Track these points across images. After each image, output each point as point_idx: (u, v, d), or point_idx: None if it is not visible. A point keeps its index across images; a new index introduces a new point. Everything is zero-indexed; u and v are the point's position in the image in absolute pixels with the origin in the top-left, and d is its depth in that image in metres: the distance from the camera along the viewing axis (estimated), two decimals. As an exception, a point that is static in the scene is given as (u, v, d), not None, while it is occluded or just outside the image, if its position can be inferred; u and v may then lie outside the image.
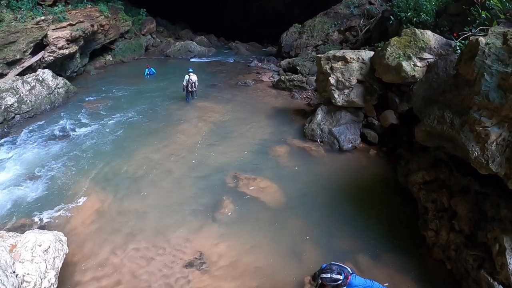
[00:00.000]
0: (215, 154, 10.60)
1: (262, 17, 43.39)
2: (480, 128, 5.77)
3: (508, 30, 5.94)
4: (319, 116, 11.77)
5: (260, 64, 23.06)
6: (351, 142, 10.88)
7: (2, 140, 11.59)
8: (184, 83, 15.01)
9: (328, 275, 4.92)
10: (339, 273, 4.89)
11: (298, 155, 10.59)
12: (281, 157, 10.45)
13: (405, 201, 8.15)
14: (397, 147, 10.22)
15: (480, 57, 5.97)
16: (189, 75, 14.97)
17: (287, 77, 17.18)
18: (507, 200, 5.55)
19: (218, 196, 8.55)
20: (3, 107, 12.60)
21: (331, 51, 12.41)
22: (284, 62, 20.73)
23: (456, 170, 6.73)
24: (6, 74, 15.00)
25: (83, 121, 13.22)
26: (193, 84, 15.04)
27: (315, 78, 13.96)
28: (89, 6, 21.64)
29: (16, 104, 13.04)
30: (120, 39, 25.46)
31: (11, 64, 15.40)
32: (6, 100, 12.78)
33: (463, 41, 8.94)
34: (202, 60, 25.42)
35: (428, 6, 13.36)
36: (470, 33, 8.77)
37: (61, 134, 12.13)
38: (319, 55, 12.35)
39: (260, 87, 17.64)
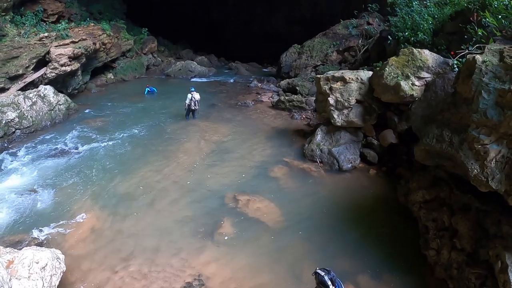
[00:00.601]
0: (214, 174, 10.55)
1: (262, 37, 44.15)
2: (479, 146, 5.79)
3: (504, 47, 6.04)
4: (319, 136, 11.79)
5: (259, 84, 23.22)
6: (351, 162, 10.86)
7: (2, 155, 11.59)
8: (187, 101, 15.12)
9: (323, 274, 4.78)
10: (332, 283, 4.75)
11: (298, 175, 10.54)
12: (281, 177, 10.41)
13: (405, 221, 8.08)
14: (396, 167, 10.22)
15: (477, 75, 6.05)
16: (192, 94, 15.11)
17: (286, 98, 17.29)
18: (508, 217, 5.53)
19: (218, 216, 8.46)
20: (4, 122, 12.65)
21: (330, 72, 12.54)
22: (283, 83, 20.90)
23: (456, 188, 6.73)
24: (8, 89, 15.14)
25: (83, 138, 13.25)
26: (196, 103, 15.19)
27: (314, 98, 14.07)
28: (92, 24, 22.02)
29: (17, 119, 13.11)
30: (121, 58, 25.79)
31: (13, 79, 15.56)
32: (7, 115, 12.84)
33: (460, 59, 9.02)
34: (202, 80, 25.66)
35: (425, 25, 13.52)
36: (467, 51, 8.88)
37: (61, 150, 12.14)
38: (318, 76, 12.47)
39: (260, 107, 17.74)
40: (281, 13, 44.72)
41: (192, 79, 26.03)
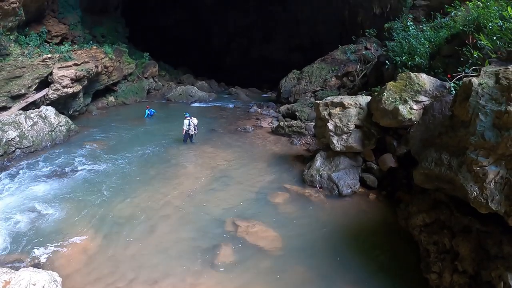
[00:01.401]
0: (214, 199, 10.48)
1: (261, 63, 44.91)
2: (478, 168, 5.82)
3: (500, 69, 6.16)
4: (318, 162, 11.79)
5: (259, 110, 23.44)
6: (351, 187, 10.82)
7: (2, 174, 11.57)
8: (185, 127, 15.26)
9: None
10: None
11: (298, 201, 10.48)
12: (281, 203, 10.34)
13: (406, 245, 8.00)
14: (396, 190, 10.21)
15: (474, 98, 6.15)
16: (189, 119, 15.27)
17: (286, 123, 17.40)
18: (509, 237, 5.51)
19: (217, 242, 8.34)
20: (4, 140, 12.69)
21: (329, 97, 12.68)
22: (283, 108, 21.12)
23: (456, 211, 6.71)
24: (9, 108, 15.31)
25: (83, 160, 13.21)
26: (196, 127, 15.34)
27: (313, 124, 14.16)
28: (95, 47, 22.43)
29: (17, 139, 13.16)
30: (123, 81, 26.14)
31: (15, 98, 15.74)
32: (8, 134, 12.90)
33: (457, 82, 9.17)
34: (202, 105, 25.97)
35: (421, 49, 13.80)
36: (463, 73, 9.04)
37: (60, 171, 12.11)
38: (318, 101, 12.58)
39: (260, 133, 17.83)
40: (280, 40, 45.76)
41: (192, 104, 26.32)
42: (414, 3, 24.68)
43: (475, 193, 5.77)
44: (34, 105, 16.44)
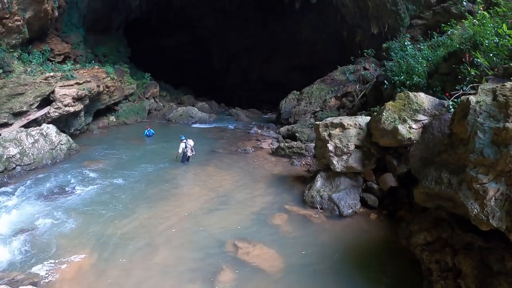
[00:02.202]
0: (214, 220, 10.41)
1: (261, 84, 45.41)
2: (478, 185, 5.84)
3: (497, 86, 6.24)
4: (319, 182, 11.76)
5: (259, 131, 23.51)
6: (351, 208, 10.77)
7: (1, 190, 11.57)
8: (180, 150, 15.38)
9: None
10: None
11: (298, 222, 10.41)
12: (281, 224, 10.27)
13: (408, 264, 7.91)
14: (397, 210, 10.17)
15: (472, 116, 6.21)
16: (185, 142, 15.40)
17: (286, 144, 17.42)
18: (512, 253, 5.49)
19: (217, 264, 8.24)
20: (5, 157, 12.74)
21: (329, 118, 12.78)
22: (283, 129, 21.20)
23: (457, 228, 6.69)
24: (11, 124, 15.42)
25: (83, 180, 13.21)
26: (193, 149, 15.47)
27: (314, 144, 14.18)
28: (97, 67, 22.76)
29: (18, 155, 13.20)
30: (124, 101, 26.38)
31: (17, 115, 15.88)
32: (9, 150, 12.97)
33: (455, 100, 9.25)
34: (203, 126, 26.07)
35: (419, 68, 13.93)
36: (461, 91, 9.13)
37: (60, 190, 12.10)
38: (317, 122, 12.64)
39: (260, 154, 17.83)
40: (280, 60, 46.38)
41: (193, 125, 26.46)
42: (411, 22, 25.27)
43: (475, 210, 5.76)
44: (36, 122, 16.56)
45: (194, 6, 41.82)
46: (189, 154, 15.43)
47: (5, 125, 15.35)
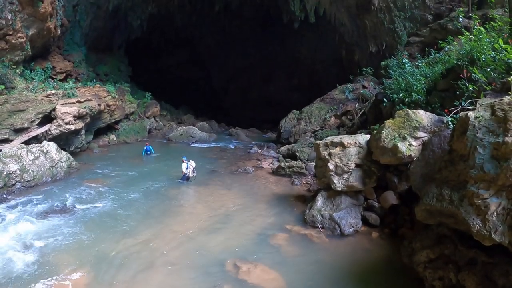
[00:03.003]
0: (215, 240, 10.31)
1: (261, 103, 45.78)
2: (479, 201, 5.83)
3: (495, 101, 6.32)
4: (319, 202, 11.68)
5: (260, 150, 23.51)
6: (353, 226, 10.68)
7: (0, 206, 11.51)
8: (184, 170, 15.41)
9: None
10: None
11: (300, 242, 10.30)
12: (282, 244, 10.15)
13: (411, 282, 7.81)
14: (399, 227, 10.10)
15: (471, 132, 6.26)
16: (187, 162, 15.47)
17: (286, 164, 17.40)
18: (516, 267, 5.44)
19: (218, 285, 8.11)
20: (5, 173, 12.73)
21: (329, 137, 12.78)
22: (283, 149, 21.21)
23: (460, 244, 6.62)
24: (12, 140, 15.47)
25: (82, 198, 13.15)
26: (194, 170, 15.52)
27: (314, 164, 14.16)
28: (98, 85, 23.02)
29: (18, 172, 13.19)
30: (124, 120, 26.51)
31: (18, 131, 15.95)
32: (9, 166, 12.98)
33: (454, 116, 9.28)
34: (203, 146, 26.07)
35: (418, 85, 14.03)
36: (460, 107, 9.23)
37: (59, 208, 12.00)
38: (317, 142, 12.67)
39: (260, 173, 17.79)
40: (279, 80, 46.99)
41: (193, 145, 26.45)
42: (408, 40, 25.75)
43: (478, 226, 5.74)
44: (36, 139, 16.61)
45: (194, 26, 42.68)
46: (189, 175, 15.44)
47: (6, 141, 15.40)
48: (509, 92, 7.37)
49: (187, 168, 15.38)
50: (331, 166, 11.41)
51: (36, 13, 18.04)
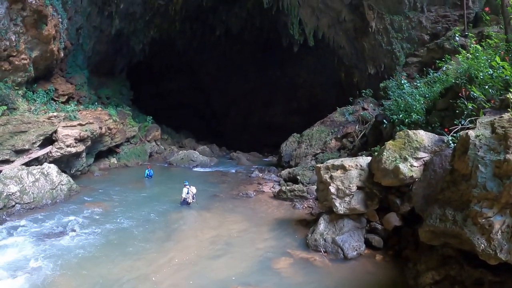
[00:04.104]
0: (216, 265, 10.14)
1: (261, 127, 46.06)
2: (483, 220, 5.79)
3: (495, 118, 6.36)
4: (322, 225, 11.55)
5: (261, 174, 23.44)
6: (356, 250, 10.52)
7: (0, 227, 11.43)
8: (183, 195, 15.35)
9: None
10: None
11: (302, 266, 10.12)
12: (284, 269, 9.98)
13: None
14: (403, 249, 9.95)
15: (472, 151, 6.27)
16: (188, 188, 15.43)
17: (288, 188, 17.28)
18: (523, 285, 5.35)
19: None
20: (5, 194, 12.70)
21: (330, 160, 12.73)
22: (284, 172, 21.12)
23: (466, 264, 6.54)
24: (12, 161, 15.51)
25: (82, 221, 13.02)
26: (194, 196, 15.49)
27: (315, 187, 14.08)
28: (100, 108, 23.20)
29: (18, 193, 13.15)
30: (125, 143, 26.59)
31: (19, 152, 16.00)
32: (9, 188, 12.95)
33: (455, 135, 9.31)
34: (204, 170, 26.02)
35: (417, 105, 14.08)
36: (460, 126, 9.25)
37: (58, 231, 11.89)
38: (319, 165, 12.63)
39: (262, 198, 17.65)
40: (279, 104, 47.50)
41: (194, 169, 26.40)
42: (406, 60, 26.16)
43: (482, 245, 5.69)
44: (37, 161, 16.64)
45: (195, 51, 43.48)
46: (189, 200, 15.41)
47: (7, 161, 15.44)
48: (508, 109, 7.41)
49: (187, 193, 15.32)
50: (332, 189, 11.33)
51: (39, 36, 18.43)
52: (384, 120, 16.10)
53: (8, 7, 16.35)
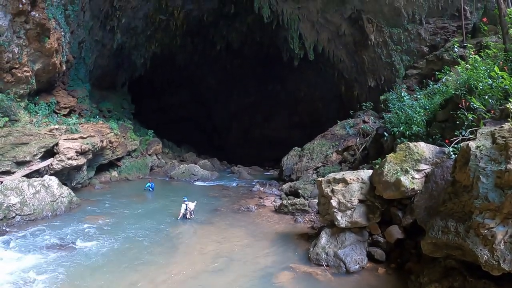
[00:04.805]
0: (217, 280, 9.99)
1: (262, 141, 46.14)
2: (486, 231, 5.79)
3: (495, 129, 6.40)
4: (323, 239, 11.46)
5: (262, 188, 23.37)
6: (358, 263, 10.41)
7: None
8: (182, 211, 15.37)
9: None
10: None
11: (304, 281, 9.99)
12: (286, 283, 9.84)
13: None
14: (406, 262, 9.85)
15: (473, 162, 6.29)
16: (186, 204, 15.47)
17: (289, 201, 17.21)
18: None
19: None
20: (5, 205, 12.70)
21: (331, 174, 12.68)
22: (285, 186, 21.08)
23: (469, 276, 6.49)
24: (13, 173, 15.53)
25: (82, 234, 12.95)
26: (192, 212, 15.55)
27: (317, 201, 14.02)
28: (101, 122, 23.29)
29: (18, 205, 13.14)
30: (127, 157, 26.59)
31: (20, 164, 16.04)
32: (10, 199, 12.95)
33: (455, 146, 9.32)
34: (205, 184, 25.95)
35: (418, 117, 14.06)
36: (460, 137, 9.24)
37: (58, 243, 11.80)
38: (320, 179, 12.60)
39: (263, 212, 17.56)
40: (280, 118, 47.71)
41: (195, 183, 26.33)
42: (406, 73, 26.42)
43: (485, 256, 5.67)
44: (38, 173, 16.65)
45: (196, 66, 43.89)
46: (188, 216, 15.43)
47: (8, 173, 15.48)
48: (508, 119, 7.45)
49: (186, 209, 15.36)
50: (334, 202, 11.28)
51: (42, 49, 18.63)
52: (385, 133, 16.13)
53: (11, 20, 16.57)
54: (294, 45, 32.97)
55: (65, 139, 18.07)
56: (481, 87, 10.36)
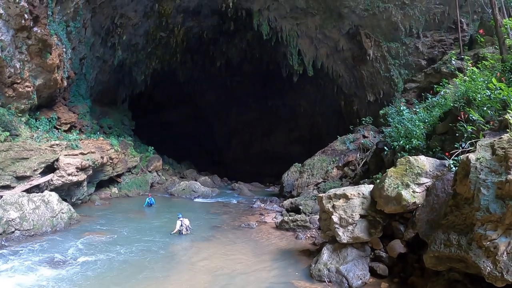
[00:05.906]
0: None
1: (263, 157, 46.12)
2: (488, 242, 5.78)
3: (494, 140, 6.43)
4: (325, 255, 11.37)
5: (263, 205, 23.30)
6: (361, 279, 10.30)
7: (-2, 252, 11.31)
8: (177, 227, 15.36)
9: None
10: None
11: (307, 298, 10.00)
12: (289, 301, 9.90)
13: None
14: (408, 276, 9.76)
15: (473, 174, 6.31)
16: (181, 220, 15.50)
17: (290, 218, 17.14)
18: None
19: None
20: (5, 220, 12.67)
21: (332, 190, 12.67)
22: (286, 202, 21.01)
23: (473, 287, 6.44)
24: (13, 188, 15.52)
25: (82, 251, 12.84)
26: (188, 228, 15.55)
27: (318, 217, 13.98)
28: (101, 138, 23.36)
29: (18, 220, 13.10)
30: (127, 173, 26.56)
31: (20, 179, 16.03)
32: (9, 214, 12.92)
33: (456, 158, 9.32)
34: (205, 201, 25.87)
35: (417, 131, 14.08)
36: (460, 149, 9.26)
37: (57, 259, 11.67)
38: (321, 194, 12.55)
39: (264, 228, 17.45)
40: (280, 133, 47.81)
41: (195, 199, 26.24)
42: (405, 86, 26.61)
43: (488, 268, 5.64)
44: (38, 188, 16.62)
45: (196, 82, 44.24)
46: (183, 232, 15.42)
47: (8, 187, 15.46)
48: (507, 130, 7.49)
49: (181, 225, 15.36)
50: (335, 218, 11.22)
51: (44, 64, 18.84)
52: (385, 147, 16.16)
53: (13, 35, 16.78)
54: (293, 61, 33.35)
55: (66, 155, 18.09)
56: (479, 99, 10.43)
